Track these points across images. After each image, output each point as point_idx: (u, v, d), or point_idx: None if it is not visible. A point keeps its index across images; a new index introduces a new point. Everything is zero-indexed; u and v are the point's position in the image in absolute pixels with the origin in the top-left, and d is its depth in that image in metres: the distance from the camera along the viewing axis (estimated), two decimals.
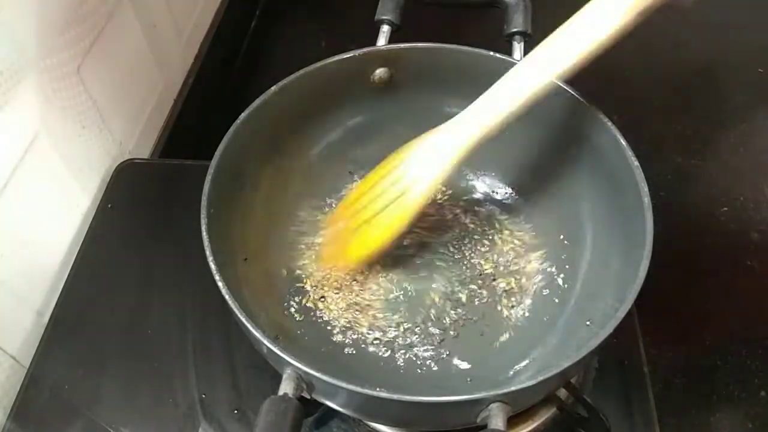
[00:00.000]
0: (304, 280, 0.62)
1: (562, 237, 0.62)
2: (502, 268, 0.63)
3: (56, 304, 0.65)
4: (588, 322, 0.54)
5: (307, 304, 0.60)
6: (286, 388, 0.43)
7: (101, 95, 0.72)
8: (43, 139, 0.63)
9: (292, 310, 0.60)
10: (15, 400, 0.59)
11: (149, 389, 0.60)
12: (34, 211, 0.64)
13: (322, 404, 0.55)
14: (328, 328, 0.59)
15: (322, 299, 0.61)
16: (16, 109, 0.59)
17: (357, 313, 0.60)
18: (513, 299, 0.61)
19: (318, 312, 0.60)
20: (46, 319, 0.64)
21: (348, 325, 0.59)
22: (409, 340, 0.58)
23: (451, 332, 0.59)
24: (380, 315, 0.60)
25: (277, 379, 0.44)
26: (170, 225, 0.70)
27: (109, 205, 0.73)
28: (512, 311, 0.60)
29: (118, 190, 0.74)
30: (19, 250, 0.62)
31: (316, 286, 0.61)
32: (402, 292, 0.61)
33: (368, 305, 0.61)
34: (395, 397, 0.42)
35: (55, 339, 0.63)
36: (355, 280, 0.62)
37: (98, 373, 0.61)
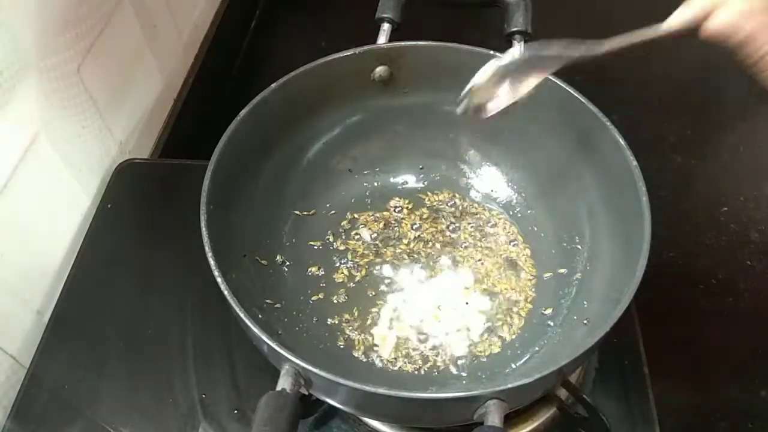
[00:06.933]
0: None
1: (561, 236, 0.62)
2: (500, 267, 0.63)
3: (56, 304, 0.65)
4: (585, 321, 0.54)
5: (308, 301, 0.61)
6: (284, 383, 0.43)
7: (101, 95, 0.72)
8: (43, 139, 0.63)
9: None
10: (15, 400, 0.59)
11: (149, 389, 0.60)
12: (34, 211, 0.64)
13: (323, 404, 0.55)
14: (328, 324, 0.59)
15: (322, 295, 0.61)
16: (16, 109, 0.59)
17: (356, 311, 0.60)
18: (511, 298, 0.61)
19: (318, 309, 0.60)
20: (46, 319, 0.64)
21: (348, 323, 0.59)
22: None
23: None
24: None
25: (277, 378, 0.44)
26: (170, 225, 0.70)
27: (109, 205, 0.73)
28: (510, 310, 0.60)
29: (118, 190, 0.74)
30: (19, 250, 0.62)
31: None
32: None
33: (367, 304, 0.61)
34: (392, 393, 0.42)
35: (55, 339, 0.63)
36: (354, 278, 0.62)
37: (98, 373, 0.61)
